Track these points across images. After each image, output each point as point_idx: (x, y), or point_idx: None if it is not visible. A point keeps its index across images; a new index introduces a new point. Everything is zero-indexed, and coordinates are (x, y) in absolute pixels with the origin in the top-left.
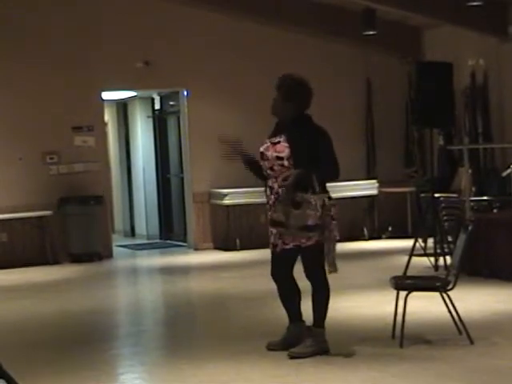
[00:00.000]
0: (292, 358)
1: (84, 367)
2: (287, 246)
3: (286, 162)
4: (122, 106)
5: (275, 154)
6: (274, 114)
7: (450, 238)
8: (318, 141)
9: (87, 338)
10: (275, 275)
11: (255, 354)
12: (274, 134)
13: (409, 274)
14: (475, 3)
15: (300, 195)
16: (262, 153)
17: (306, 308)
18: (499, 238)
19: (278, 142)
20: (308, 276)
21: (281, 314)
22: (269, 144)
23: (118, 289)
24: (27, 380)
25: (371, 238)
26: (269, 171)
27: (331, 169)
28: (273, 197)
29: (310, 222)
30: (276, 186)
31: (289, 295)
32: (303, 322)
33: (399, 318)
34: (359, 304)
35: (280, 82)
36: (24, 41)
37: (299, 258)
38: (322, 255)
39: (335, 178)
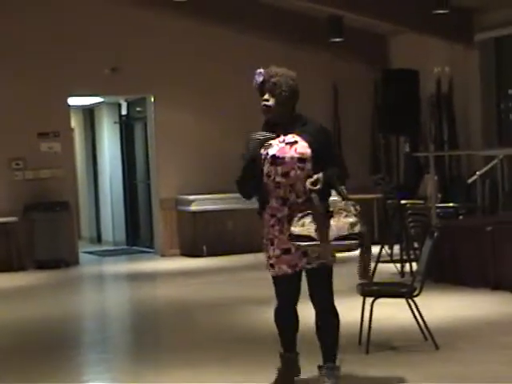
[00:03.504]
0: None
1: (49, 374)
2: (309, 266)
3: (308, 165)
4: (89, 112)
5: (297, 156)
6: (274, 118)
7: (416, 245)
8: (328, 140)
9: (53, 345)
10: (283, 299)
11: (222, 361)
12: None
13: (375, 280)
14: (441, 11)
15: (333, 201)
16: (274, 156)
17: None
18: (465, 244)
19: (296, 142)
20: (316, 300)
21: (247, 320)
22: (283, 145)
23: (84, 295)
24: None
25: None
26: (280, 178)
27: (345, 171)
28: (286, 209)
29: (358, 230)
30: (293, 196)
31: (293, 322)
32: (298, 352)
33: (365, 324)
34: None
35: (279, 80)
36: None
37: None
38: (331, 275)
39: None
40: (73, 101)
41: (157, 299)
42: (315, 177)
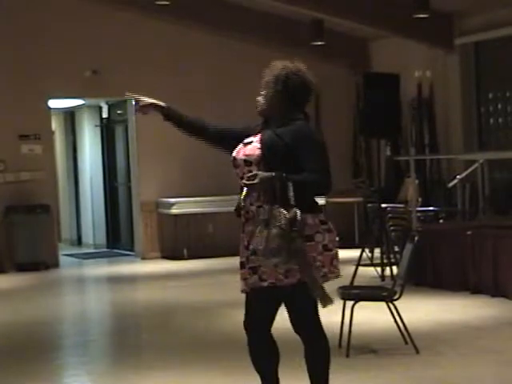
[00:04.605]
0: None
1: (29, 377)
2: (263, 283)
3: (254, 168)
4: (70, 115)
5: (243, 158)
6: (264, 116)
7: (396, 248)
8: (298, 143)
9: (33, 348)
10: (246, 322)
11: (202, 363)
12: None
13: (355, 283)
14: (422, 15)
15: (266, 208)
16: (234, 158)
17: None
18: (445, 248)
19: (250, 143)
20: (297, 328)
21: (228, 323)
22: (241, 146)
23: (64, 298)
24: None
25: None
26: (240, 181)
27: (317, 179)
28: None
29: (274, 244)
30: (248, 202)
31: (262, 354)
32: None
33: (346, 327)
34: None
35: (269, 73)
36: None
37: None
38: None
39: (324, 191)
40: (53, 103)
41: (137, 302)
42: (253, 172)
